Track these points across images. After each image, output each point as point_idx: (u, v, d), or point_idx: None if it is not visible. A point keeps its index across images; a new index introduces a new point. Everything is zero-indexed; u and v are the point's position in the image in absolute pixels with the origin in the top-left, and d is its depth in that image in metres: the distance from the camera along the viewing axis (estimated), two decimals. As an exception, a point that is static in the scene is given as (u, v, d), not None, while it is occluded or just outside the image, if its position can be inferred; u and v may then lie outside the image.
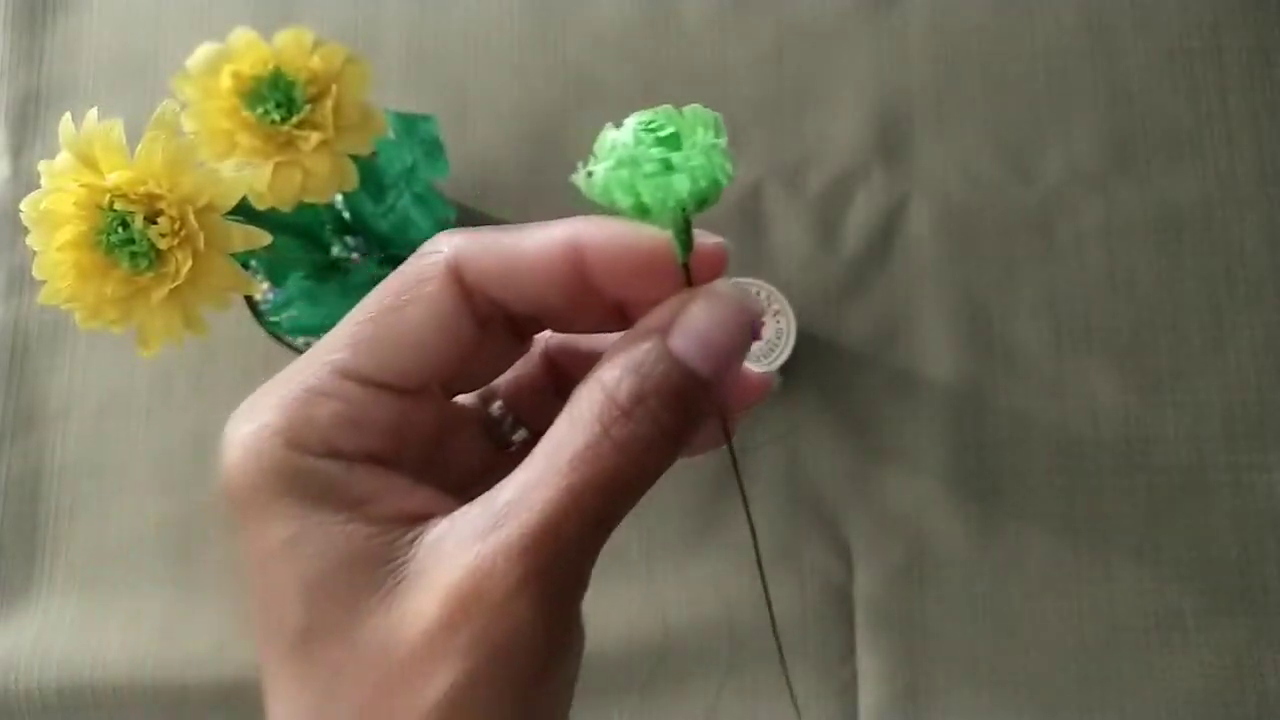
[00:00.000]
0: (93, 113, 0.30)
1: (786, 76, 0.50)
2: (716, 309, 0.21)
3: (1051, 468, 0.46)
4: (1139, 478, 0.46)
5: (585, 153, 0.20)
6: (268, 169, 0.33)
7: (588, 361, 0.23)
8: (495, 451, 0.25)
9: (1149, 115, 0.49)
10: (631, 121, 0.20)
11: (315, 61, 0.33)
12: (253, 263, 0.40)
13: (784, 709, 0.45)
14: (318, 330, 0.44)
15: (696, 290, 0.21)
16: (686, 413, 0.20)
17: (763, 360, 0.44)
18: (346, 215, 0.42)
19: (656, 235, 0.21)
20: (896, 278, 0.48)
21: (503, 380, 0.26)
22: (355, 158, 0.35)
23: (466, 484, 0.22)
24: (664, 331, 0.20)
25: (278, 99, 0.33)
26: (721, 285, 0.21)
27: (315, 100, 0.33)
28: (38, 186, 0.30)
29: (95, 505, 0.48)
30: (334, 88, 0.33)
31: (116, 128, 0.30)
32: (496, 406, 0.27)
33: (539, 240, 0.22)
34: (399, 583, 0.20)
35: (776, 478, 0.47)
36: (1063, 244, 0.48)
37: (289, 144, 0.33)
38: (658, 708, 0.45)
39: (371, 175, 0.40)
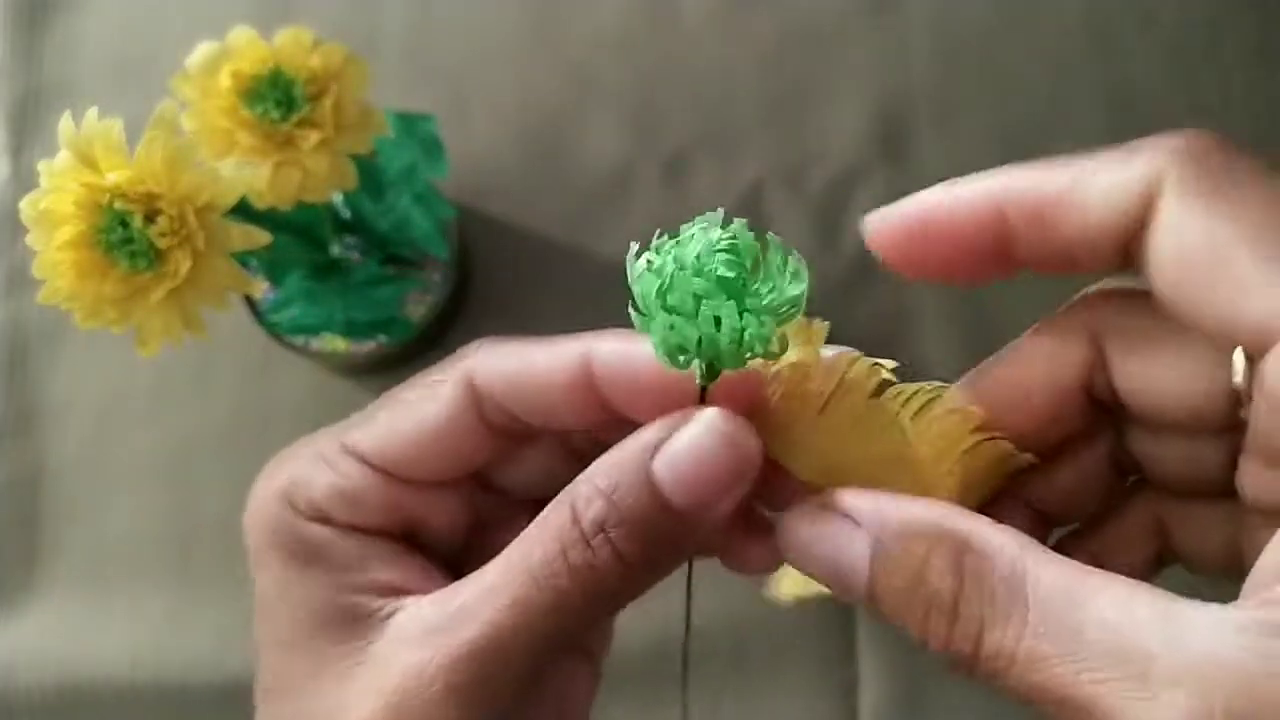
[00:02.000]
0: (93, 112, 0.31)
1: (787, 76, 0.50)
2: (712, 437, 0.19)
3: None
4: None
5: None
6: (267, 168, 0.33)
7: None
8: None
9: (1149, 115, 0.49)
10: (696, 243, 0.18)
11: (315, 60, 0.33)
12: (252, 262, 0.40)
13: (785, 709, 0.45)
14: (317, 330, 0.44)
15: (694, 412, 0.19)
16: (654, 546, 0.19)
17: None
18: (346, 214, 0.42)
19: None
20: (897, 277, 0.48)
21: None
22: (355, 157, 0.35)
23: None
24: (650, 451, 0.19)
25: (277, 98, 0.33)
26: (721, 414, 0.19)
27: (315, 99, 0.33)
28: (37, 186, 0.30)
29: (95, 505, 0.48)
30: (333, 87, 0.33)
31: (116, 127, 0.30)
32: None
33: (550, 355, 0.21)
34: (359, 664, 0.20)
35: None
36: (1063, 243, 0.48)
37: (288, 143, 0.33)
38: (658, 707, 0.45)
39: (371, 175, 0.40)
